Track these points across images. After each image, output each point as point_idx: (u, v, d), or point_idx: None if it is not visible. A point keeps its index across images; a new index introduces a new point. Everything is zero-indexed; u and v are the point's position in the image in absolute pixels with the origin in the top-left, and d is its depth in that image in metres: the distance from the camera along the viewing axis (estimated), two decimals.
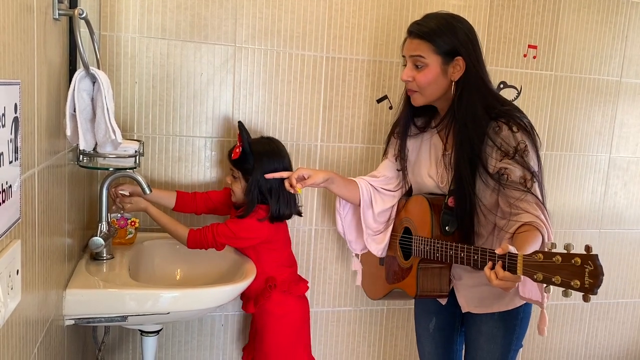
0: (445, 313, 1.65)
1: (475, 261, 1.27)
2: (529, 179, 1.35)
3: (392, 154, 1.67)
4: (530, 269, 1.10)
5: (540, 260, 1.08)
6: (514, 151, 1.36)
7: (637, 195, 2.40)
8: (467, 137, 1.40)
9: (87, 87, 1.15)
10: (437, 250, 1.42)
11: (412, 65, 1.45)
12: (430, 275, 1.52)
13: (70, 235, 1.38)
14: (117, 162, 1.50)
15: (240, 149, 1.66)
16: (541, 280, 1.08)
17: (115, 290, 1.38)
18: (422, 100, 1.48)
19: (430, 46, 1.41)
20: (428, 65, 1.42)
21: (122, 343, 1.95)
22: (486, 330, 1.53)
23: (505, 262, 1.16)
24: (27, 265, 0.92)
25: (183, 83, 1.86)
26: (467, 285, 1.53)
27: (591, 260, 1.03)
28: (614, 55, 2.26)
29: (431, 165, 1.54)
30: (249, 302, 1.74)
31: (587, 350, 2.50)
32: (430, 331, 1.68)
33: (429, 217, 1.47)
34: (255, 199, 1.67)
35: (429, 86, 1.44)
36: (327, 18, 1.95)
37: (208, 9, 1.84)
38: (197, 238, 1.64)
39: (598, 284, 1.02)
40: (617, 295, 2.48)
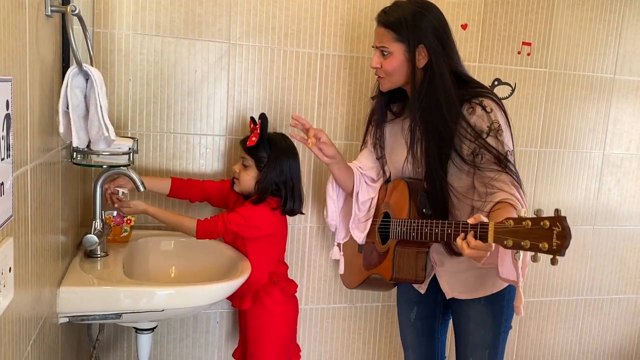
0: (427, 302, 1.66)
1: (449, 235, 1.28)
2: (503, 159, 1.37)
3: (371, 142, 1.69)
4: (501, 235, 1.11)
5: (511, 226, 1.09)
6: (488, 131, 1.38)
7: (631, 192, 2.42)
8: (433, 123, 1.42)
9: (80, 84, 1.14)
10: (413, 229, 1.43)
11: (379, 52, 1.49)
12: (407, 258, 1.52)
13: (64, 232, 1.37)
14: (110, 159, 1.50)
15: (257, 137, 1.66)
16: (511, 246, 1.09)
17: (109, 287, 1.37)
18: (389, 85, 1.52)
19: (394, 35, 1.45)
20: (392, 54, 1.46)
21: (116, 340, 1.95)
22: (474, 316, 1.54)
23: (477, 231, 1.17)
24: (19, 262, 0.92)
25: (177, 80, 1.86)
26: (449, 272, 1.55)
27: (559, 222, 1.02)
28: (608, 53, 2.26)
29: (405, 150, 1.55)
30: (245, 298, 1.72)
31: (580, 346, 2.52)
32: (411, 321, 1.69)
33: (407, 200, 1.49)
34: (269, 189, 1.68)
35: (394, 73, 1.48)
36: (321, 15, 1.95)
37: (202, 6, 1.84)
38: (207, 227, 1.63)
39: (566, 245, 1.02)
40: (610, 292, 2.49)
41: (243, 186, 1.72)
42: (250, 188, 1.71)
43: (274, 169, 1.68)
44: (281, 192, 1.70)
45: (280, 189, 1.70)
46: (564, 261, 2.38)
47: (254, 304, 1.72)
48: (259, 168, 1.68)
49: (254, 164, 1.69)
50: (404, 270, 1.52)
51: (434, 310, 1.69)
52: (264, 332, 1.74)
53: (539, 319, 2.43)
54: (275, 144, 1.71)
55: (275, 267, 1.77)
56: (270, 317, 1.73)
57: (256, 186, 1.70)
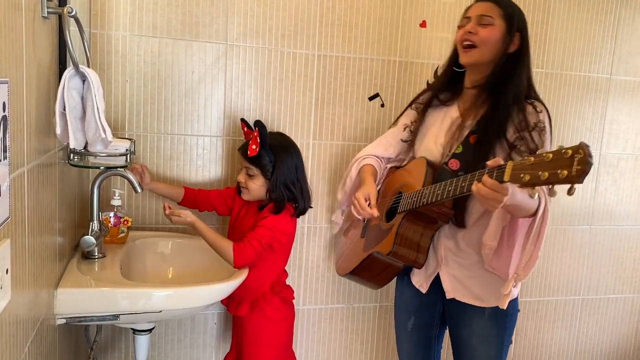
0: (424, 311, 1.64)
1: (462, 187, 1.26)
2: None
3: (403, 123, 1.68)
4: (518, 171, 1.09)
5: (530, 162, 1.08)
6: (533, 126, 1.42)
7: (627, 192, 2.42)
8: (503, 107, 1.44)
9: (77, 86, 1.14)
10: (424, 195, 1.40)
11: (476, 22, 1.48)
12: (412, 233, 1.49)
13: (61, 234, 1.37)
14: (108, 160, 1.50)
15: (257, 146, 1.63)
16: (528, 180, 1.07)
17: (107, 288, 1.37)
18: (476, 57, 1.48)
19: (500, 11, 1.47)
20: (494, 25, 1.46)
21: (114, 342, 1.95)
22: (478, 330, 1.52)
23: (494, 173, 1.16)
24: (16, 264, 0.92)
25: (174, 81, 1.86)
26: (455, 273, 1.53)
27: (582, 149, 0.99)
28: (604, 53, 2.27)
29: (442, 134, 1.54)
30: (243, 304, 1.71)
31: (578, 346, 2.52)
32: (408, 330, 1.67)
33: (423, 174, 1.47)
34: (284, 197, 1.67)
35: (489, 43, 1.46)
36: (318, 16, 1.95)
37: (199, 7, 1.84)
38: (244, 251, 1.58)
39: (586, 170, 0.98)
40: (607, 291, 2.50)
41: (253, 195, 1.70)
42: (261, 195, 1.70)
43: (282, 173, 1.66)
44: (294, 194, 1.69)
45: (291, 191, 1.69)
46: (561, 261, 2.38)
47: (251, 311, 1.71)
48: (266, 176, 1.66)
49: (260, 173, 1.66)
50: (406, 246, 1.48)
51: (432, 320, 1.66)
52: (261, 338, 1.73)
53: (536, 318, 2.43)
54: (277, 147, 1.67)
55: (277, 277, 1.77)
56: (267, 323, 1.72)
57: (267, 194, 1.69)
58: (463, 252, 1.51)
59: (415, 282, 1.60)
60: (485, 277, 1.49)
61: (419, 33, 2.05)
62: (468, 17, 1.51)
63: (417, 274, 1.59)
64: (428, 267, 1.56)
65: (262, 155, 1.64)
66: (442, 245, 1.53)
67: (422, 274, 1.57)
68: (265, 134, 1.63)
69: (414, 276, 1.60)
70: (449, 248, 1.52)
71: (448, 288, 1.54)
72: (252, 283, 1.67)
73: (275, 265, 1.75)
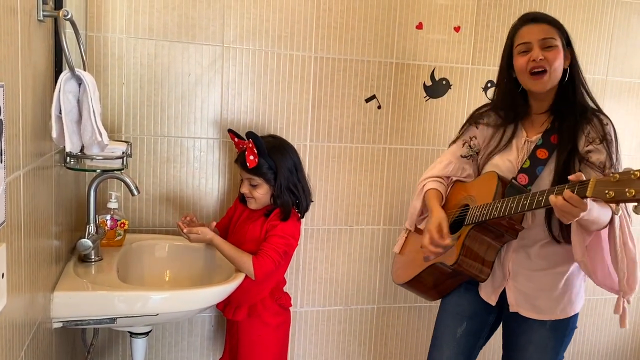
0: (478, 319, 1.61)
1: (539, 201, 1.25)
2: (608, 167, 1.40)
3: (463, 140, 1.66)
4: (602, 187, 1.09)
5: (615, 179, 1.07)
6: (602, 138, 1.42)
7: None
8: (572, 121, 1.45)
9: (72, 89, 1.14)
10: (495, 209, 1.38)
11: (540, 47, 1.46)
12: (478, 245, 1.46)
13: (57, 237, 1.37)
14: (104, 163, 1.50)
15: (254, 156, 1.62)
16: (612, 197, 1.06)
17: (103, 292, 1.37)
18: (549, 84, 1.46)
19: (557, 31, 1.47)
20: (557, 47, 1.45)
21: (111, 345, 1.95)
22: (537, 340, 1.51)
23: (575, 187, 1.16)
24: (12, 268, 0.92)
25: (171, 84, 1.86)
26: (520, 290, 1.51)
27: None
28: (600, 54, 2.28)
29: (512, 151, 1.53)
30: (241, 309, 1.70)
31: (575, 346, 2.53)
32: (457, 336, 1.62)
33: (494, 187, 1.46)
34: (289, 199, 1.68)
35: (558, 66, 1.45)
36: (315, 18, 1.95)
37: (195, 9, 1.84)
38: (263, 263, 1.60)
39: None
40: (604, 292, 2.48)
41: (260, 203, 1.70)
42: (267, 202, 1.71)
43: (284, 177, 1.67)
44: (297, 196, 1.70)
45: (295, 194, 1.70)
46: None
47: (249, 316, 1.70)
48: (269, 182, 1.66)
49: (263, 181, 1.66)
50: (471, 257, 1.45)
51: (482, 330, 1.63)
52: (257, 344, 1.72)
53: None
54: (273, 151, 1.67)
55: (277, 283, 1.78)
56: (265, 329, 1.72)
57: (272, 199, 1.70)
58: (533, 263, 1.49)
59: (483, 295, 1.57)
60: (550, 290, 1.49)
61: (415, 35, 2.06)
62: (527, 43, 1.47)
63: (485, 287, 1.57)
64: (495, 280, 1.53)
65: (262, 163, 1.64)
66: (510, 259, 1.51)
67: (490, 286, 1.55)
68: (261, 144, 1.62)
69: (482, 289, 1.58)
70: (518, 261, 1.50)
71: (512, 302, 1.52)
72: (252, 288, 1.67)
73: (277, 271, 1.75)
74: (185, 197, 1.94)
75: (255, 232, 1.69)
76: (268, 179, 1.66)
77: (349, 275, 2.17)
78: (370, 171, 2.11)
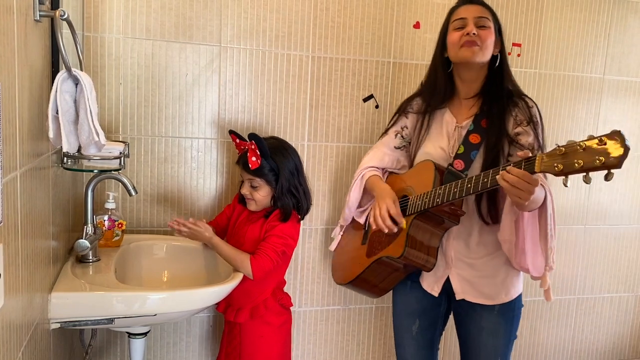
0: (430, 314, 1.64)
1: (485, 183, 1.27)
2: (537, 148, 1.44)
3: (394, 131, 1.68)
4: (549, 161, 1.11)
5: (560, 152, 1.10)
6: (529, 121, 1.47)
7: (621, 191, 2.43)
8: (500, 105, 1.49)
9: (69, 89, 1.14)
10: (437, 195, 1.40)
11: (474, 23, 1.50)
12: (422, 234, 1.48)
13: (55, 238, 1.36)
14: (102, 163, 1.50)
15: (257, 157, 1.62)
16: (561, 170, 1.09)
17: (101, 292, 1.37)
18: (481, 57, 1.49)
19: (491, 14, 1.53)
20: (490, 28, 1.51)
21: (109, 345, 1.94)
22: (488, 326, 1.54)
23: (521, 164, 1.18)
24: (9, 269, 0.91)
25: (168, 84, 1.86)
26: (463, 276, 1.54)
27: (617, 135, 1.01)
28: (597, 53, 2.28)
29: (443, 138, 1.56)
30: (243, 311, 1.69)
31: (574, 345, 2.53)
32: (413, 333, 1.66)
33: (432, 175, 1.47)
34: (290, 204, 1.68)
35: (490, 45, 1.50)
36: (312, 17, 1.95)
37: (193, 9, 1.83)
38: (260, 262, 1.60)
39: (624, 155, 0.99)
40: (602, 290, 2.51)
41: (260, 205, 1.70)
42: (267, 204, 1.71)
43: (285, 179, 1.66)
44: (298, 199, 1.70)
45: (296, 196, 1.70)
46: (557, 261, 2.38)
47: (251, 318, 1.70)
48: (270, 184, 1.66)
49: (264, 182, 1.66)
50: (417, 248, 1.47)
51: (436, 322, 1.67)
52: (260, 345, 1.72)
53: (532, 318, 2.44)
54: (275, 153, 1.66)
55: (278, 283, 1.78)
56: (267, 329, 1.72)
57: (272, 201, 1.70)
58: (472, 251, 1.52)
59: (426, 287, 1.59)
60: (493, 276, 1.52)
61: (412, 34, 2.06)
62: (462, 19, 1.51)
63: (427, 278, 1.59)
64: (437, 270, 1.55)
65: (264, 165, 1.64)
66: (451, 248, 1.54)
67: (432, 277, 1.57)
68: (264, 146, 1.62)
69: (424, 280, 1.60)
70: (459, 250, 1.53)
71: (458, 290, 1.55)
72: (253, 289, 1.67)
73: (278, 272, 1.75)
74: (182, 198, 1.93)
75: (255, 233, 1.68)
76: (269, 181, 1.66)
77: None
78: None
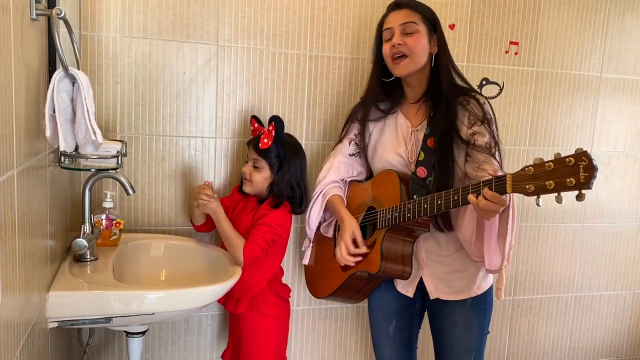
0: (406, 313, 1.65)
1: (456, 201, 1.28)
2: (493, 146, 1.44)
3: (348, 138, 1.69)
4: (520, 182, 1.12)
5: (530, 172, 1.10)
6: (482, 119, 1.45)
7: (619, 189, 2.44)
8: (447, 107, 1.47)
9: (66, 88, 1.14)
10: (408, 210, 1.41)
11: (400, 32, 1.49)
12: (394, 247, 1.49)
13: (52, 237, 1.36)
14: (99, 162, 1.49)
15: (269, 140, 1.66)
16: (533, 191, 1.09)
17: (99, 291, 1.37)
18: (410, 67, 1.50)
19: (419, 16, 1.50)
20: (419, 31, 1.48)
21: (107, 345, 1.94)
22: (460, 320, 1.55)
23: (492, 185, 1.18)
24: (6, 268, 0.91)
25: (166, 82, 1.85)
26: (435, 274, 1.55)
27: (584, 156, 1.02)
28: (594, 51, 2.28)
29: (399, 143, 1.56)
30: (241, 302, 1.73)
31: (571, 342, 2.54)
32: (390, 334, 1.66)
33: (397, 188, 1.48)
34: (285, 193, 1.71)
35: (420, 51, 1.48)
36: (309, 16, 1.95)
37: (190, 8, 1.83)
38: (251, 248, 1.63)
39: (594, 176, 1.01)
40: (599, 288, 2.51)
41: (256, 187, 1.73)
42: (263, 189, 1.73)
43: (289, 170, 1.70)
44: (295, 193, 1.73)
45: (294, 190, 1.73)
46: (554, 259, 2.39)
47: (249, 308, 1.72)
48: (272, 169, 1.70)
49: (267, 165, 1.70)
50: (392, 261, 1.49)
51: (412, 320, 1.68)
52: (258, 334, 1.74)
53: (529, 316, 2.44)
54: (288, 145, 1.72)
55: (274, 273, 1.79)
56: (264, 320, 1.74)
57: (269, 187, 1.72)
58: (443, 249, 1.54)
59: (400, 289, 1.62)
60: (463, 270, 1.53)
61: None
62: (389, 29, 1.52)
63: (401, 281, 1.60)
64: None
65: (273, 149, 1.68)
66: (421, 249, 1.56)
67: (406, 280, 1.58)
68: (282, 130, 1.68)
69: (398, 283, 1.62)
70: (429, 249, 1.55)
71: (431, 289, 1.57)
72: (250, 280, 1.69)
73: (272, 261, 1.77)
74: (180, 197, 1.93)
75: (248, 222, 1.72)
76: (272, 165, 1.70)
77: None
78: None
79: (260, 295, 1.73)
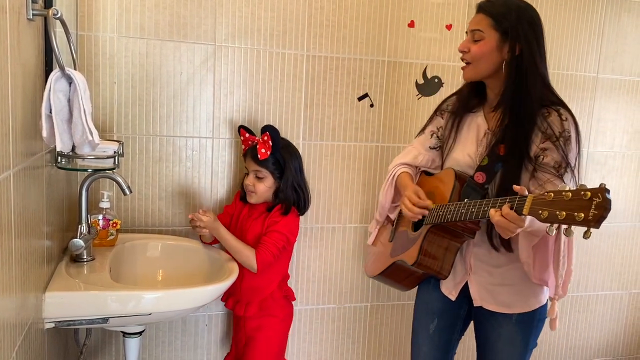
0: (449, 315, 1.62)
1: (485, 212, 1.26)
2: (564, 167, 1.36)
3: (430, 130, 1.66)
4: (537, 206, 1.09)
5: (549, 198, 1.07)
6: (558, 136, 1.37)
7: (615, 189, 2.44)
8: (523, 117, 1.40)
9: (63, 88, 1.14)
10: (449, 211, 1.38)
11: (470, 38, 1.47)
12: (437, 246, 1.47)
13: (49, 237, 1.36)
14: (96, 163, 1.49)
15: (267, 149, 1.68)
16: (545, 218, 1.07)
17: (96, 292, 1.37)
18: (472, 74, 1.47)
19: (491, 22, 1.43)
20: (485, 39, 1.44)
21: (104, 345, 1.94)
22: (505, 334, 1.51)
23: (514, 203, 1.17)
24: (3, 268, 0.91)
25: (163, 82, 1.85)
26: (483, 283, 1.52)
27: (600, 193, 1.00)
28: (591, 52, 2.29)
29: (472, 145, 1.52)
30: (251, 305, 1.74)
31: (568, 342, 2.54)
32: (430, 332, 1.64)
33: (451, 186, 1.46)
34: (291, 198, 1.74)
35: (481, 59, 1.44)
36: (307, 16, 1.95)
37: (187, 8, 1.83)
38: (265, 258, 1.67)
39: (603, 216, 0.98)
40: (596, 288, 2.52)
41: (261, 197, 1.75)
42: (269, 197, 1.75)
43: (290, 174, 1.73)
44: (299, 195, 1.76)
45: (298, 193, 1.75)
46: None
47: (260, 310, 1.75)
48: (274, 177, 1.72)
49: (270, 174, 1.72)
50: (430, 257, 1.47)
51: (455, 324, 1.64)
52: (265, 336, 1.77)
53: None
54: (284, 149, 1.74)
55: (283, 276, 1.82)
56: (272, 321, 1.77)
57: (274, 195, 1.74)
58: (494, 259, 1.49)
59: (444, 290, 1.59)
60: (511, 285, 1.49)
61: (407, 33, 2.06)
62: (467, 32, 1.50)
63: (446, 282, 1.57)
64: (456, 275, 1.54)
65: (271, 157, 1.70)
66: (470, 254, 1.52)
67: (451, 282, 1.56)
68: (278, 138, 1.69)
69: (443, 284, 1.59)
70: (479, 257, 1.51)
71: (476, 296, 1.53)
72: (261, 284, 1.73)
73: (281, 265, 1.80)
74: (177, 197, 1.93)
75: (257, 229, 1.74)
76: (274, 173, 1.72)
77: (342, 273, 2.17)
78: (363, 169, 2.12)
79: (271, 298, 1.76)
